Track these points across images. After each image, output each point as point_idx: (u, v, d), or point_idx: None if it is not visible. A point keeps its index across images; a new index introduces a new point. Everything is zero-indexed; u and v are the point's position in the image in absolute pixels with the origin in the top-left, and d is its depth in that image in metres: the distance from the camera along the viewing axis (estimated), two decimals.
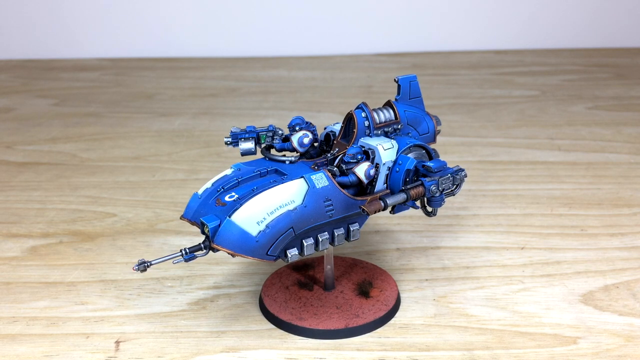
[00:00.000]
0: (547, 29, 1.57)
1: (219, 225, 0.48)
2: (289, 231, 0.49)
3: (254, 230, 0.47)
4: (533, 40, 1.57)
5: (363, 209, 0.51)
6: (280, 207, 0.48)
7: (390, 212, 0.55)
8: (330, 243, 0.52)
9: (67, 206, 0.80)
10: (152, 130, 1.08)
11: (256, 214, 0.48)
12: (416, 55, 1.54)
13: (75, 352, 0.54)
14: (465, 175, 0.54)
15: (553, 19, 1.56)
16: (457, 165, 0.54)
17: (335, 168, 0.53)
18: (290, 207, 0.49)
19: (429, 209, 0.55)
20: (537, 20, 1.56)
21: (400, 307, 0.59)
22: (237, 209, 0.48)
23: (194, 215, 0.51)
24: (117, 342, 0.55)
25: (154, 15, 1.55)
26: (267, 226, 0.48)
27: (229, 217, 0.48)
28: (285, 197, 0.49)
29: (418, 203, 0.55)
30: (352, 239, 0.53)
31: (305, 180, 0.50)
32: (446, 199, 0.54)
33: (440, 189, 0.52)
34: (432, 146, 0.58)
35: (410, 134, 0.58)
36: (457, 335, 0.55)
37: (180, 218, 0.52)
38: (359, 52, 1.56)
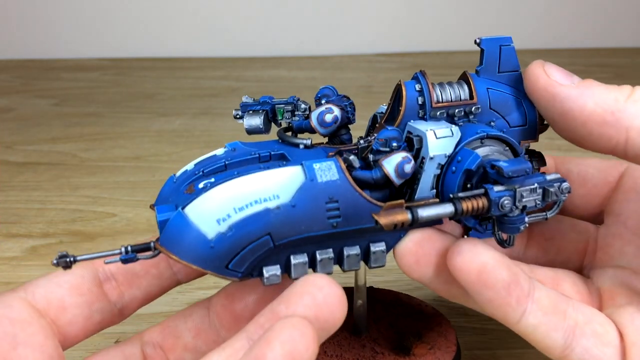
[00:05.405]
0: (547, 29, 1.57)
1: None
2: (263, 239, 0.34)
3: (210, 230, 0.33)
4: (533, 41, 1.57)
5: (376, 220, 0.34)
6: (256, 202, 0.34)
7: (463, 234, 0.37)
8: (339, 265, 0.36)
9: (67, 206, 0.80)
10: (152, 130, 1.08)
11: (218, 208, 0.33)
12: (416, 55, 1.54)
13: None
14: (569, 190, 0.35)
15: (553, 19, 1.56)
16: (554, 173, 0.35)
17: (353, 156, 0.36)
18: (271, 204, 0.34)
19: (502, 235, 0.37)
20: (537, 20, 1.56)
21: None
22: (193, 199, 0.35)
23: (158, 203, 0.39)
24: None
25: (154, 15, 1.55)
26: (230, 227, 0.33)
27: (182, 209, 0.35)
28: (266, 188, 0.34)
29: (485, 225, 0.36)
30: (373, 265, 0.36)
31: (303, 169, 0.35)
32: (528, 221, 0.35)
33: (518, 205, 0.33)
34: (531, 146, 0.39)
35: (493, 123, 0.38)
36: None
37: (150, 207, 0.39)
38: (359, 52, 1.56)
